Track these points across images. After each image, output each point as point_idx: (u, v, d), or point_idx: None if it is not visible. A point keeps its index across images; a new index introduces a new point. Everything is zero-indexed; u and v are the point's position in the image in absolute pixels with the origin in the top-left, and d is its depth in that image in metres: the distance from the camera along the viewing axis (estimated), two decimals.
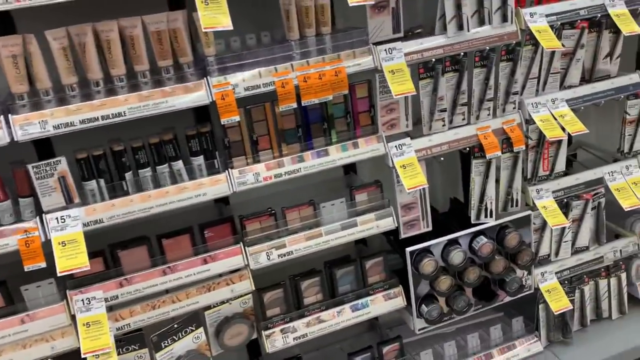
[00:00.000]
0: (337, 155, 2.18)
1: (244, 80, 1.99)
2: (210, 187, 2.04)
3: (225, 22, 1.82)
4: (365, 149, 2.21)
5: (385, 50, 2.13)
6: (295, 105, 2.05)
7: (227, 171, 2.06)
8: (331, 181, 2.57)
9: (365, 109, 2.24)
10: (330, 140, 2.21)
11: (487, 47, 2.24)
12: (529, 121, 2.41)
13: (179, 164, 2.03)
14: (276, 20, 2.12)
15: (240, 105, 2.05)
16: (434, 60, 2.19)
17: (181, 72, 1.97)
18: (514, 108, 2.40)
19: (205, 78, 1.96)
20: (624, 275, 2.82)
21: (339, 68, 2.07)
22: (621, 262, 2.80)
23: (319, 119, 2.18)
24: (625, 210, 2.54)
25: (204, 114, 2.25)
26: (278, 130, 2.14)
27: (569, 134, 2.38)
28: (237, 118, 1.98)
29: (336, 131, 2.22)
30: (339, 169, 2.62)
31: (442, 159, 2.31)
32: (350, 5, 1.93)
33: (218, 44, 2.13)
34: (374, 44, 2.13)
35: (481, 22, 2.23)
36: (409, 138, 2.27)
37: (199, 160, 2.05)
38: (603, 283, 2.79)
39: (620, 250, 2.76)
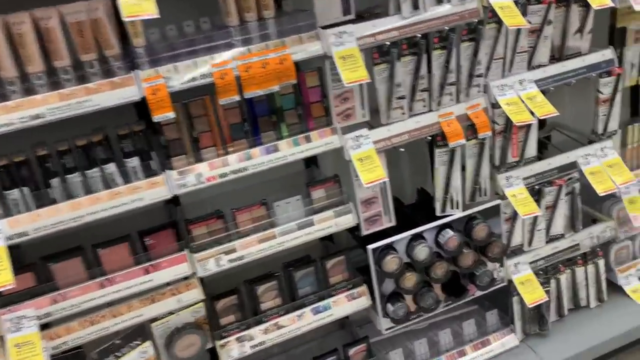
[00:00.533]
0: (289, 151, 2.01)
1: (178, 72, 1.81)
2: (147, 191, 1.87)
3: (149, 10, 1.64)
4: (318, 142, 2.05)
5: (335, 34, 1.95)
6: (237, 97, 1.88)
7: (165, 173, 1.89)
8: (291, 176, 2.41)
9: (317, 99, 2.07)
10: (280, 135, 2.04)
11: (447, 27, 2.07)
12: (495, 105, 2.25)
13: (111, 167, 1.86)
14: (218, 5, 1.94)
15: (177, 100, 1.88)
16: (388, 44, 2.01)
17: (107, 66, 1.78)
18: (478, 92, 2.24)
19: (134, 71, 1.78)
20: (601, 262, 2.69)
21: (284, 55, 1.90)
22: (598, 249, 2.68)
23: (266, 111, 2.01)
24: (600, 195, 2.41)
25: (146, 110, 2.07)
26: (222, 126, 1.97)
27: (538, 118, 2.23)
28: (171, 115, 1.80)
29: (287, 124, 2.05)
30: (300, 162, 2.46)
31: (402, 149, 2.15)
32: None
33: (151, 34, 1.94)
34: (322, 27, 1.96)
35: (439, 0, 2.06)
36: (367, 129, 2.11)
37: (134, 162, 1.88)
38: (580, 271, 2.67)
39: (597, 237, 2.63)
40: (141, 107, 2.03)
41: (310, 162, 2.49)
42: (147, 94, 1.77)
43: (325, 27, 1.96)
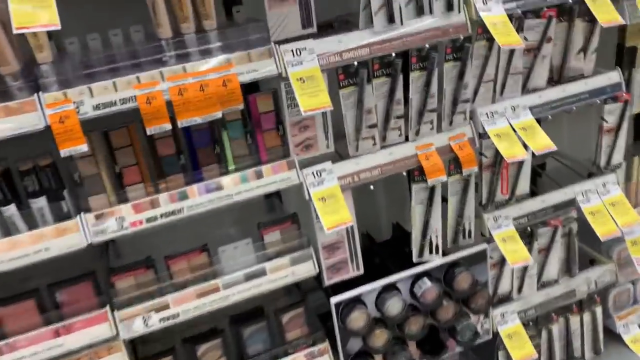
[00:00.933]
0: (235, 188, 1.67)
1: (93, 95, 1.46)
2: (56, 240, 1.52)
3: (45, 19, 1.29)
4: (272, 178, 1.71)
5: (292, 51, 1.62)
6: (168, 126, 1.54)
7: (79, 217, 1.55)
8: (246, 207, 2.07)
9: (271, 127, 1.73)
10: (225, 169, 1.70)
11: (427, 45, 1.74)
12: (483, 135, 1.92)
13: (10, 209, 1.51)
14: None
15: (95, 127, 1.54)
16: (356, 63, 1.68)
17: (4, 86, 1.44)
18: (464, 119, 1.91)
19: (36, 94, 1.43)
20: (599, 310, 2.38)
21: (228, 76, 1.56)
22: (596, 295, 2.37)
23: (208, 141, 1.67)
24: (601, 239, 2.09)
25: None
26: (151, 159, 1.63)
27: (533, 153, 1.91)
28: (83, 148, 1.46)
29: (233, 156, 1.71)
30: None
31: (371, 187, 1.82)
32: None
33: (70, 44, 1.61)
34: (276, 42, 1.62)
35: (419, 12, 1.73)
36: (330, 162, 1.78)
37: (40, 203, 1.54)
38: (575, 320, 2.35)
39: (596, 281, 2.32)
40: None
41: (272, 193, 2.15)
42: (51, 123, 1.42)
43: (281, 42, 1.63)
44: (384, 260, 2.10)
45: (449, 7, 1.74)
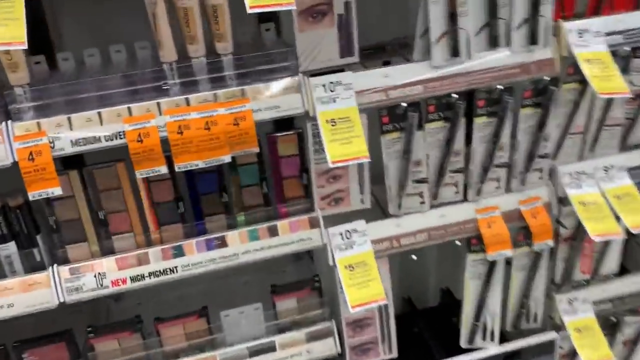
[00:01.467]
0: (242, 247, 1.36)
1: (72, 127, 1.20)
2: (22, 295, 1.27)
3: (8, 36, 1.03)
4: (288, 237, 1.39)
5: (324, 85, 1.29)
6: (163, 169, 1.25)
7: (50, 269, 1.29)
8: (269, 264, 1.75)
9: (293, 174, 1.41)
10: (234, 221, 1.40)
11: (500, 86, 1.37)
12: (564, 201, 1.52)
13: None
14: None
15: (75, 164, 1.27)
16: (405, 105, 1.33)
17: None
18: (540, 179, 1.52)
19: (4, 123, 1.18)
20: None
21: (242, 113, 1.25)
22: None
23: (214, 187, 1.37)
24: None
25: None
26: (145, 204, 1.35)
27: (629, 230, 1.49)
28: (56, 191, 1.19)
29: (244, 207, 1.40)
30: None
31: (414, 256, 1.47)
32: (249, 12, 1.10)
33: (64, 60, 1.35)
34: (306, 73, 1.30)
35: (492, 44, 1.36)
36: (364, 221, 1.44)
37: (8, 249, 1.29)
38: None
39: None
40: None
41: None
42: (19, 159, 1.16)
43: (313, 73, 1.30)
44: (424, 334, 1.74)
45: (532, 39, 1.35)
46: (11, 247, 1.29)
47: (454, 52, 1.31)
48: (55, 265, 1.29)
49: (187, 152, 1.24)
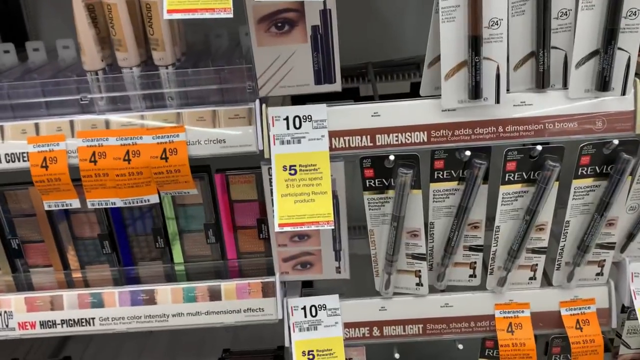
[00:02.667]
0: (173, 308, 1.08)
1: None
2: None
3: None
4: (233, 304, 1.08)
5: (287, 118, 0.96)
6: (75, 202, 1.00)
7: None
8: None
9: (249, 224, 1.10)
10: (172, 272, 1.13)
11: (538, 146, 0.95)
12: (629, 310, 1.07)
13: None
14: None
15: None
16: (392, 158, 0.96)
17: None
18: (598, 275, 1.07)
19: None
20: None
21: (173, 144, 0.96)
22: None
23: (148, 228, 1.10)
24: None
25: None
26: (63, 237, 1.11)
27: None
28: None
29: (185, 257, 1.12)
30: None
31: (396, 355, 1.11)
32: (166, 18, 0.80)
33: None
34: (264, 101, 0.97)
35: (540, 83, 0.94)
36: (337, 297, 1.10)
37: None
38: None
39: None
40: None
41: None
42: None
43: (265, 102, 0.98)
44: None
45: (602, 82, 0.91)
46: None
47: (475, 92, 0.92)
48: None
49: (101, 187, 0.98)
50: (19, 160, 0.98)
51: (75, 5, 0.92)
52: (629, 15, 0.88)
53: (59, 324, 1.10)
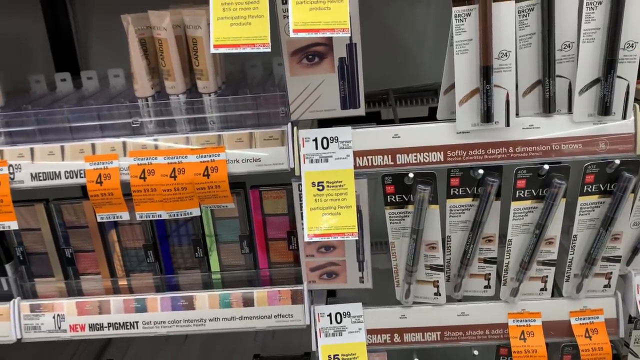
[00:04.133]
0: (210, 313, 1.18)
1: (34, 159, 1.11)
2: None
3: None
4: (265, 310, 1.18)
5: (316, 139, 1.06)
6: (125, 215, 1.11)
7: (12, 302, 1.21)
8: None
9: (280, 236, 1.20)
10: (209, 280, 1.23)
11: (545, 165, 1.03)
12: (636, 320, 1.14)
13: None
14: None
15: (42, 195, 1.19)
16: (411, 175, 1.06)
17: None
18: (606, 287, 1.15)
19: None
20: None
21: (215, 162, 1.07)
22: None
23: (188, 239, 1.21)
24: None
25: None
26: (112, 247, 1.22)
27: None
28: (12, 225, 1.11)
29: (221, 266, 1.23)
30: None
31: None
32: (213, 52, 0.91)
33: (37, 82, 1.28)
34: (295, 124, 1.08)
35: (547, 108, 1.03)
36: (361, 305, 1.18)
37: None
38: None
39: None
40: None
41: None
42: None
43: (298, 125, 1.09)
44: None
45: (604, 107, 1.00)
46: None
47: (486, 117, 1.01)
48: (18, 299, 1.22)
49: (149, 201, 1.09)
50: (76, 177, 1.10)
51: (131, 40, 1.04)
52: (627, 47, 0.97)
53: (105, 327, 1.21)
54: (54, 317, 1.21)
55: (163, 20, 1.03)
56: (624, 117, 1.02)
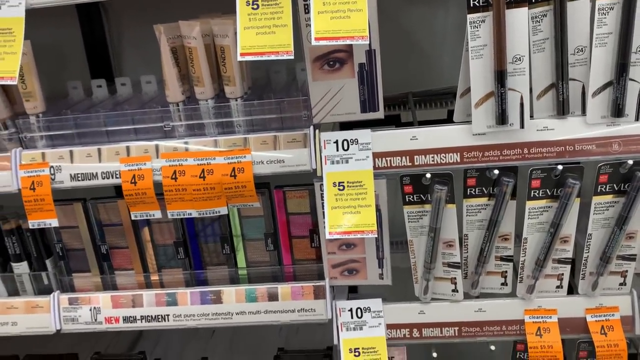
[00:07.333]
0: (236, 307, 1.24)
1: (73, 161, 1.18)
2: (24, 316, 1.29)
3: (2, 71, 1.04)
4: (288, 304, 1.23)
5: (337, 142, 1.11)
6: (157, 214, 1.18)
7: (52, 295, 1.29)
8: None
9: (302, 234, 1.25)
10: (236, 275, 1.29)
11: (559, 165, 1.07)
12: None
13: None
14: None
15: (80, 195, 1.27)
16: (429, 176, 1.10)
17: None
18: (621, 285, 1.17)
19: (14, 150, 1.20)
20: None
21: (241, 163, 1.13)
22: None
23: (215, 237, 1.27)
24: None
25: None
26: (144, 244, 1.29)
27: None
28: (53, 222, 1.19)
29: (247, 262, 1.29)
30: None
31: (434, 354, 1.22)
32: (239, 60, 0.97)
33: (73, 88, 1.36)
34: (317, 127, 1.14)
35: (561, 110, 1.06)
36: (380, 300, 1.23)
37: (21, 268, 1.32)
38: None
39: None
40: None
41: None
42: (22, 187, 1.18)
43: (319, 128, 1.14)
44: None
45: (617, 109, 1.03)
46: (23, 266, 1.32)
47: (501, 119, 1.05)
48: (57, 292, 1.29)
49: (180, 200, 1.16)
50: (112, 177, 1.17)
51: (163, 48, 1.11)
52: (638, 51, 1.00)
53: (138, 320, 1.28)
54: (90, 310, 1.28)
55: (193, 29, 1.09)
56: (637, 118, 1.04)
